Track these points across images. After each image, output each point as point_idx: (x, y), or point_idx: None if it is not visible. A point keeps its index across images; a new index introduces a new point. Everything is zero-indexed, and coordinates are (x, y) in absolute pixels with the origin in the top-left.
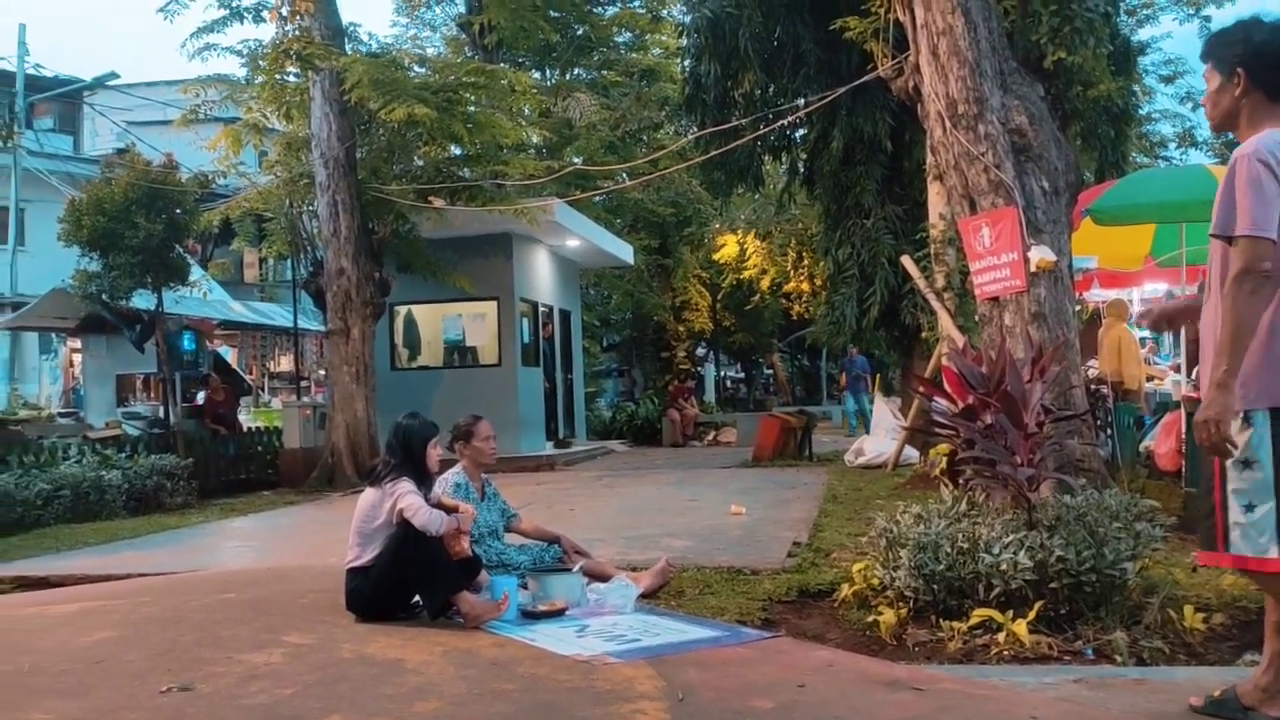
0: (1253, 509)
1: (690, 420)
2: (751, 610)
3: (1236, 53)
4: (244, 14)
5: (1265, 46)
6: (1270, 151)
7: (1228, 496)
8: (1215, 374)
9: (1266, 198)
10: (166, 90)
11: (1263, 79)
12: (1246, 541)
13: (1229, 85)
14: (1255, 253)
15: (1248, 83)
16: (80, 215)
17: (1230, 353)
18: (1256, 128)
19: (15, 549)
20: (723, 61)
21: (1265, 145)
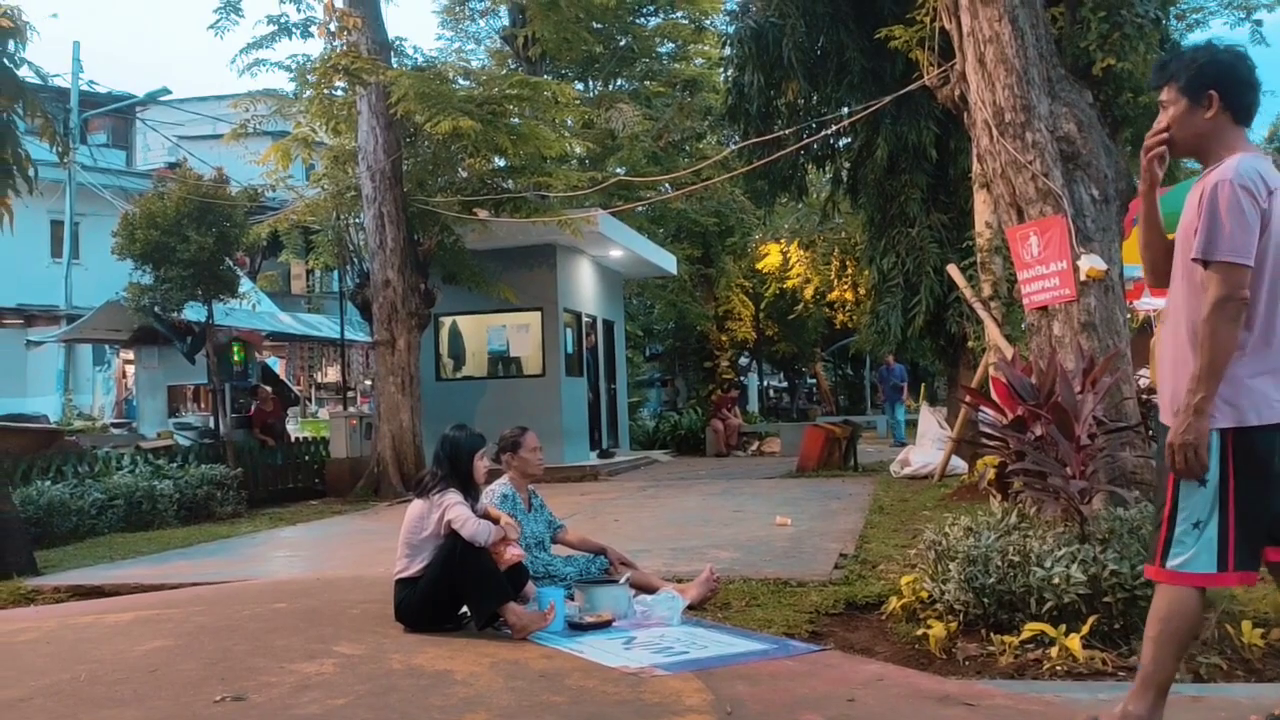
0: (1199, 527)
1: (734, 430)
2: (799, 623)
3: (1208, 75)
4: (292, 30)
5: (1232, 67)
6: (1252, 179)
7: (1177, 513)
8: (1193, 399)
9: (1249, 225)
10: (216, 105)
11: (1232, 101)
12: (1182, 558)
13: (1199, 108)
14: (1237, 280)
15: (1219, 104)
16: (133, 229)
17: (1210, 378)
18: (1227, 151)
19: (71, 558)
20: (766, 71)
21: (1245, 171)
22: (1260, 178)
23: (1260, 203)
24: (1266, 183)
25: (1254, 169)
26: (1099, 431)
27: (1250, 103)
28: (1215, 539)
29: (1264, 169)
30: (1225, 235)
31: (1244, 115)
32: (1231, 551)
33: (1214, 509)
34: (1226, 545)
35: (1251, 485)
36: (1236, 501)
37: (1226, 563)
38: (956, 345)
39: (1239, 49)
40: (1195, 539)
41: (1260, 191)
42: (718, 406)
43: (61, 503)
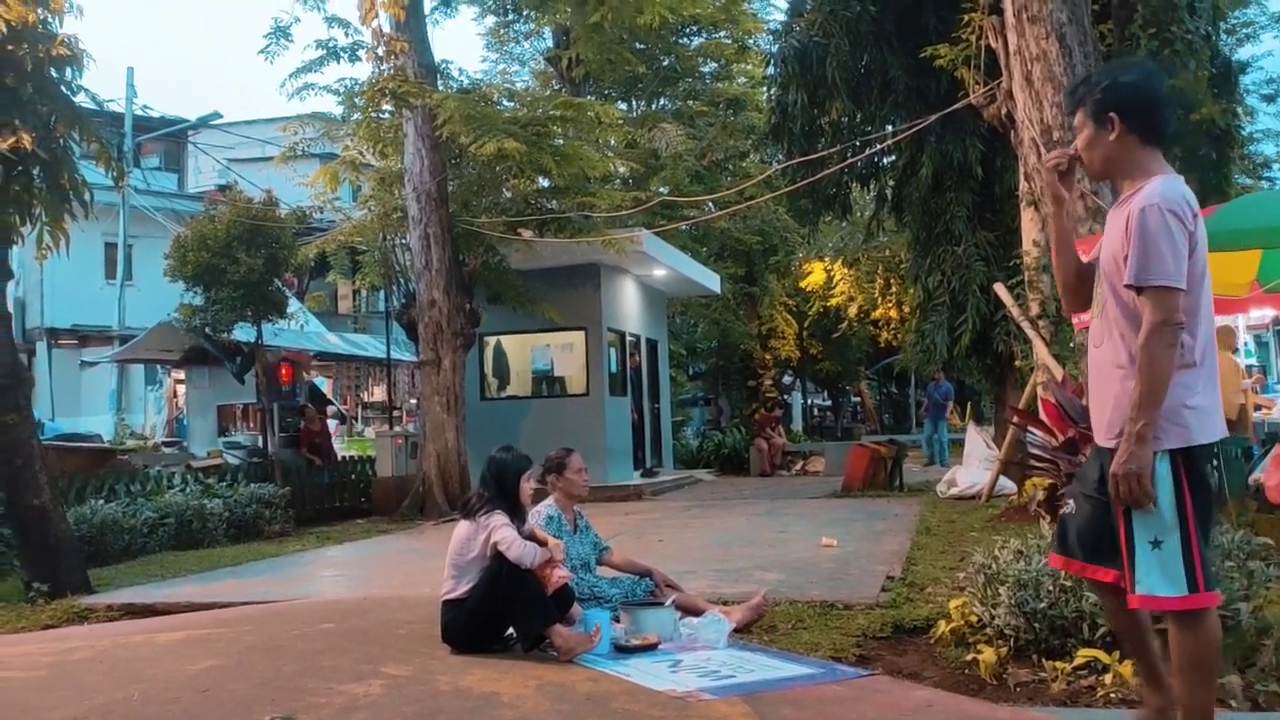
0: (1158, 546)
1: (778, 449)
2: (846, 646)
3: (1109, 98)
4: (340, 54)
5: (1133, 88)
6: (1177, 202)
7: (1134, 536)
8: (1134, 426)
9: (1179, 249)
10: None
11: (1135, 121)
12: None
13: (1104, 132)
14: (1171, 304)
15: (1121, 126)
16: (185, 251)
17: (1152, 405)
18: (1139, 172)
19: (123, 576)
20: (810, 90)
21: (1171, 195)
22: (1185, 201)
23: (1188, 226)
24: (1191, 205)
25: (1179, 193)
26: None
27: (1155, 122)
28: (1180, 559)
29: (1187, 192)
30: (1157, 260)
31: (1152, 135)
32: (1199, 570)
33: (1173, 528)
34: (1193, 565)
35: (1204, 503)
36: (1196, 520)
37: (1196, 583)
38: (1003, 364)
39: (1148, 69)
40: (1159, 559)
41: (1187, 215)
42: (761, 426)
43: (114, 521)
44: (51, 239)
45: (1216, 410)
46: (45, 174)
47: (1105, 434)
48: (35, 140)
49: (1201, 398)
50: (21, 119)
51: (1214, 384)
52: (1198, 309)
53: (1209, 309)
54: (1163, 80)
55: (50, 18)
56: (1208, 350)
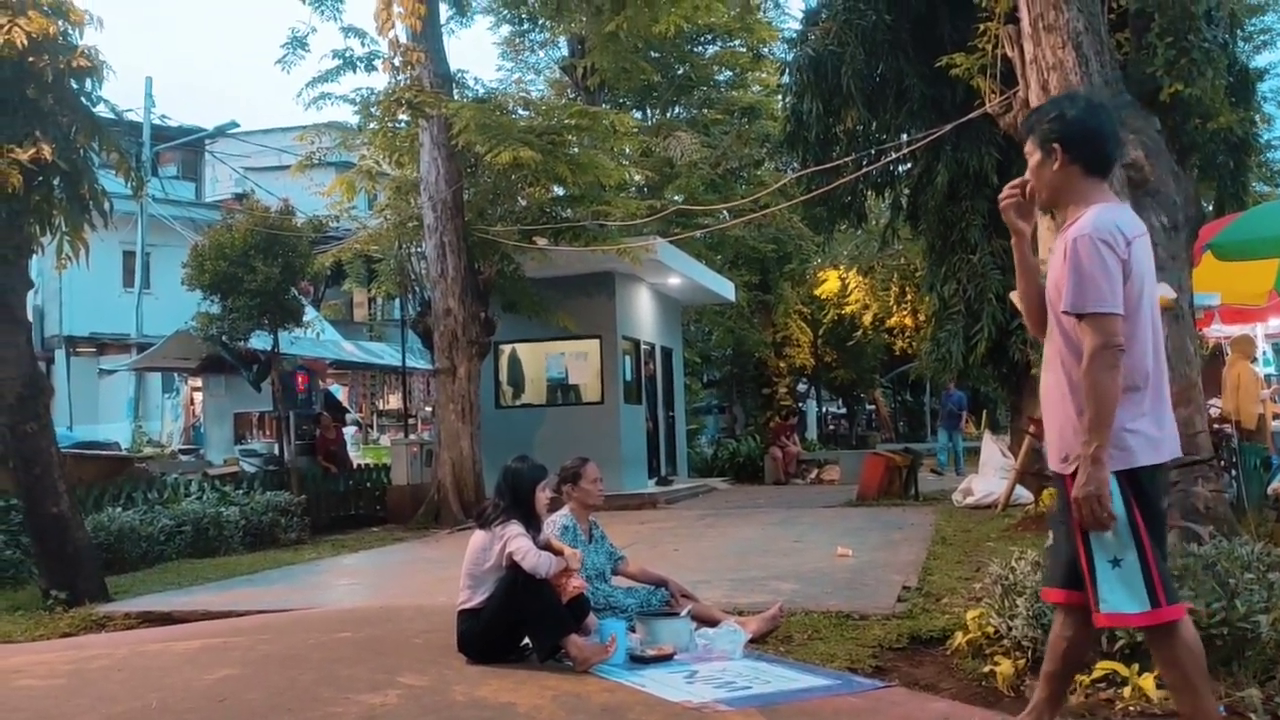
0: (1118, 564)
1: (792, 458)
2: (862, 657)
3: (1053, 129)
4: (356, 64)
5: (1078, 121)
6: (1110, 232)
7: (1093, 557)
8: (1088, 450)
9: (1112, 275)
10: (282, 137)
11: (1077, 152)
12: (1112, 600)
13: (1048, 161)
14: (1109, 329)
15: (1064, 157)
16: (203, 260)
17: (1102, 428)
18: (1081, 201)
19: (140, 584)
20: (825, 99)
21: (1102, 225)
22: (1117, 229)
23: (1120, 253)
24: (1124, 233)
25: (1111, 221)
26: (1172, 465)
27: (1097, 154)
28: (1140, 577)
29: (1121, 220)
30: (1092, 287)
31: (1095, 166)
32: (1159, 585)
33: (1128, 547)
34: (1153, 581)
35: (1154, 521)
36: (1150, 537)
37: (1157, 598)
38: (1019, 373)
39: (1093, 103)
40: (1119, 577)
41: (1118, 243)
42: (776, 434)
43: (132, 529)
44: (71, 249)
45: (1162, 432)
46: (65, 184)
47: (1056, 460)
48: (56, 151)
49: (1144, 421)
50: (42, 130)
51: (1160, 406)
52: (1136, 333)
53: (1151, 334)
54: (1108, 114)
55: (71, 30)
56: (1153, 374)
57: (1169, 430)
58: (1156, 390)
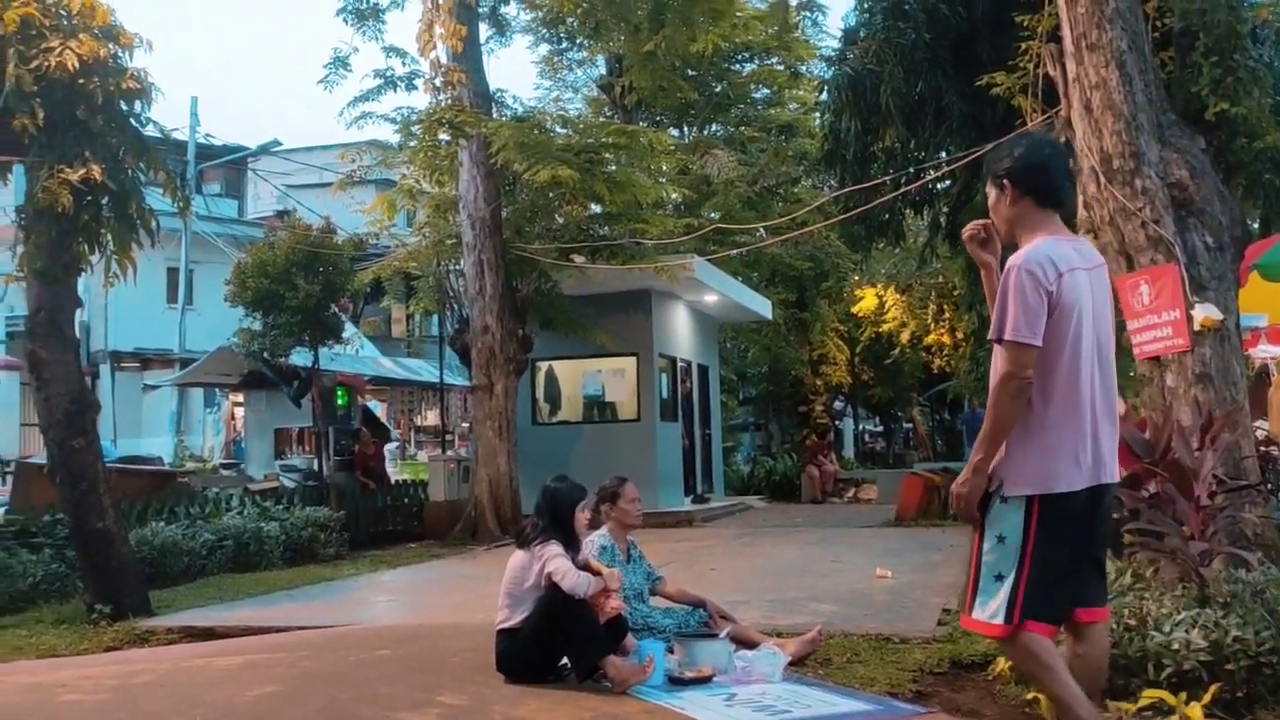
0: (1000, 580)
1: (829, 476)
2: (902, 681)
3: (1005, 166)
4: (397, 83)
5: (1025, 158)
6: (1037, 262)
7: (981, 566)
8: (974, 457)
9: (1030, 307)
10: (323, 155)
11: (1028, 186)
12: (983, 609)
13: (1002, 196)
14: (1020, 359)
15: (1014, 192)
16: (245, 278)
17: (990, 444)
18: (1032, 234)
19: (183, 598)
20: (863, 117)
21: (1033, 256)
22: (1049, 261)
23: (1045, 285)
24: (1056, 265)
25: (1044, 254)
26: (1219, 490)
27: (1046, 187)
28: (1009, 593)
29: (1056, 252)
30: (1011, 317)
31: (1046, 199)
32: (1019, 607)
33: (1013, 567)
34: (1015, 600)
35: (1049, 549)
36: (1032, 561)
37: (1013, 616)
38: None
39: (1046, 142)
40: (995, 591)
41: (1046, 275)
42: (813, 452)
43: (174, 543)
44: (119, 267)
45: (1079, 465)
46: (114, 204)
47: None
48: (105, 171)
49: (1059, 452)
50: (92, 151)
51: (1079, 438)
52: (1059, 365)
53: (1088, 366)
54: (1058, 152)
55: (121, 52)
56: (1082, 405)
57: (1089, 462)
58: (1079, 421)
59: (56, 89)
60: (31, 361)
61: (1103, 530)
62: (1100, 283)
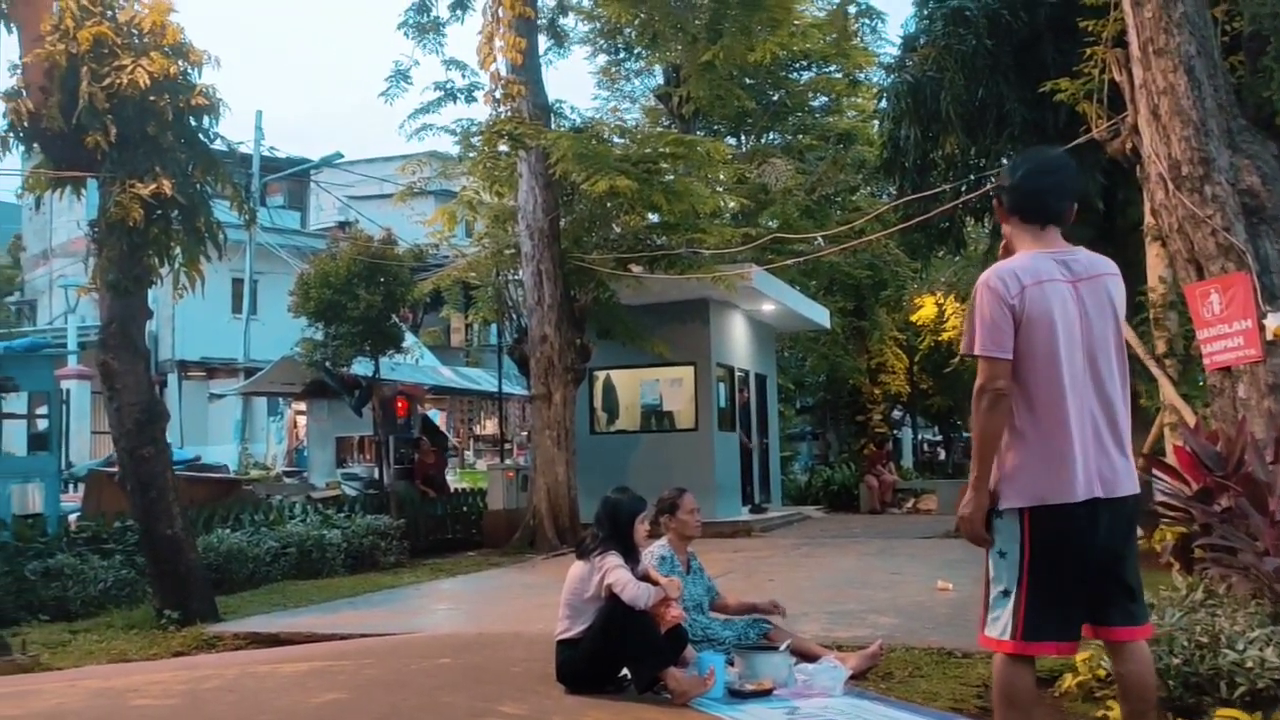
0: (1006, 596)
1: (888, 486)
2: (966, 697)
3: (997, 184)
4: (457, 95)
5: (1014, 176)
6: (999, 277)
7: (990, 582)
8: (970, 476)
9: (995, 322)
10: (384, 167)
11: (1012, 205)
12: (994, 625)
13: (998, 213)
14: (990, 372)
15: (1002, 209)
16: (308, 288)
17: (979, 459)
18: (1021, 249)
19: (248, 604)
20: (923, 125)
21: (998, 273)
22: (1012, 276)
23: (1008, 299)
24: (1020, 279)
25: (1009, 269)
26: None
27: (1029, 205)
28: (1013, 609)
29: (1024, 267)
30: (978, 332)
31: (1030, 215)
32: (1021, 622)
33: (1015, 581)
34: (1018, 616)
35: (1045, 562)
36: (1030, 575)
37: (1016, 631)
38: None
39: (1031, 159)
40: (1004, 607)
41: (1009, 289)
42: (871, 462)
43: (239, 550)
44: (188, 279)
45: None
46: (183, 217)
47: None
48: (174, 186)
49: (1043, 464)
50: (162, 165)
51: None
52: (1033, 378)
53: (1065, 377)
54: (1049, 166)
55: (190, 69)
56: (1066, 417)
57: (1078, 474)
58: (1063, 432)
59: (128, 106)
60: (103, 372)
61: (1116, 546)
62: (1095, 292)
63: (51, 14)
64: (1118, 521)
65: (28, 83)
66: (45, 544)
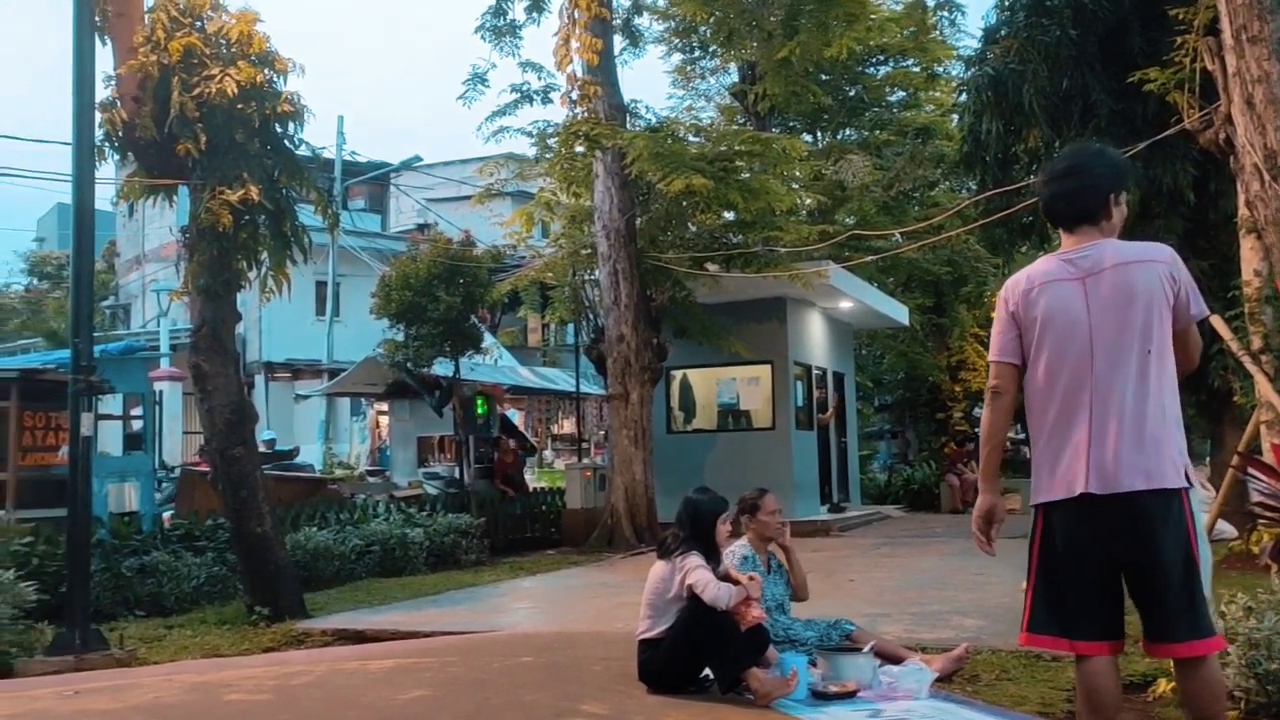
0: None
1: (970, 486)
2: (1055, 701)
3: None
4: (533, 97)
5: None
6: (1008, 284)
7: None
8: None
9: (997, 327)
10: (461, 169)
11: (1042, 211)
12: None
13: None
14: (995, 373)
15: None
16: (390, 290)
17: (981, 458)
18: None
19: (334, 601)
20: (1005, 118)
21: (1011, 281)
22: (1019, 280)
23: (1009, 305)
24: (1026, 282)
25: (1018, 275)
26: None
27: (1047, 211)
28: (1025, 601)
29: (1034, 270)
30: (992, 336)
31: (1054, 220)
32: (1027, 614)
33: (1027, 573)
34: (1025, 607)
35: (1049, 559)
36: (1036, 569)
37: (1024, 623)
38: (1220, 400)
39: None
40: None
41: (1011, 295)
42: (952, 460)
43: (326, 548)
44: (275, 283)
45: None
46: (270, 222)
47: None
48: (262, 191)
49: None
50: (250, 172)
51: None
52: (1040, 380)
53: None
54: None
55: (276, 77)
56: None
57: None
58: (1068, 430)
59: (217, 114)
60: (195, 374)
61: (1127, 546)
62: (1111, 284)
63: (143, 26)
64: (1124, 519)
65: (121, 93)
66: (141, 541)
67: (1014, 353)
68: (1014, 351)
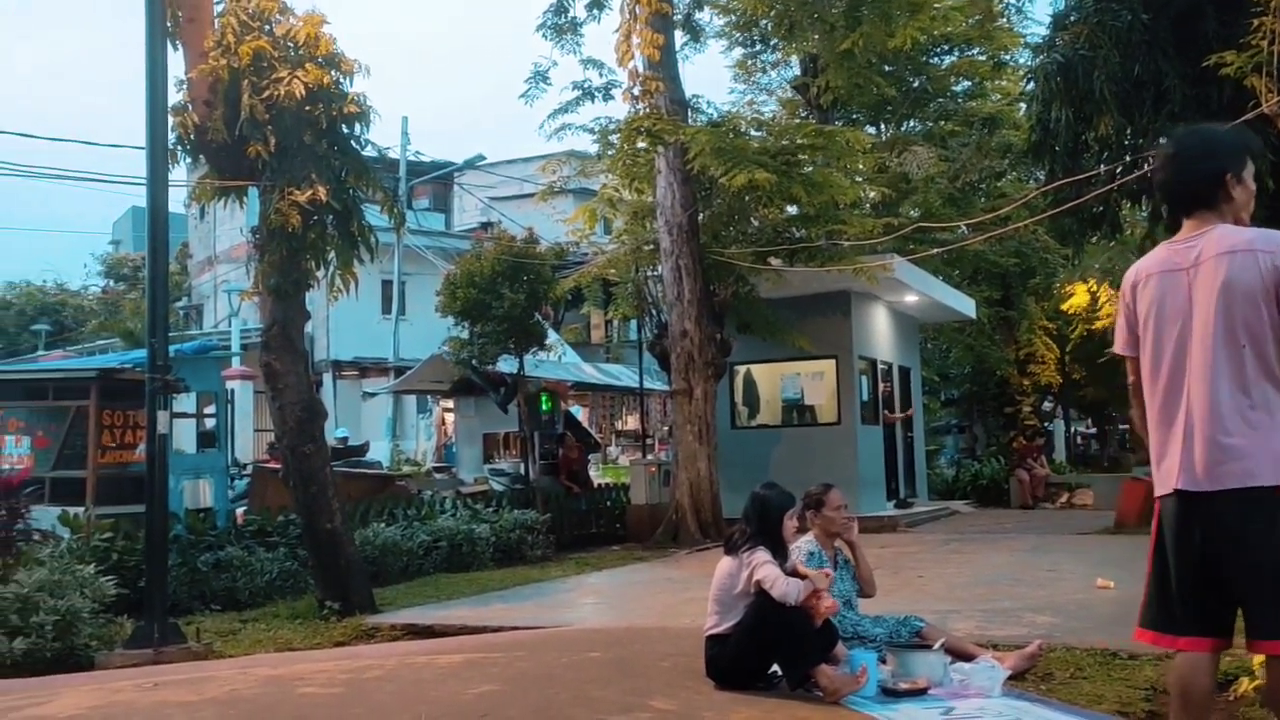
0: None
1: (1040, 481)
2: (1133, 700)
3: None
4: (595, 94)
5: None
6: (1125, 279)
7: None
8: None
9: (1119, 321)
10: (524, 167)
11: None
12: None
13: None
14: (1126, 369)
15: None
16: (454, 289)
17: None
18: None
19: (403, 596)
20: (1075, 106)
21: (1128, 272)
22: (1131, 275)
23: (1125, 298)
24: (1135, 275)
25: (1134, 267)
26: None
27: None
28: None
29: (1143, 263)
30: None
31: (1169, 209)
32: (1141, 608)
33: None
34: (1141, 601)
35: (1157, 553)
36: (1150, 562)
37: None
38: None
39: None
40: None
41: (1126, 288)
42: (1022, 455)
43: (394, 544)
44: (342, 282)
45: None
46: (338, 222)
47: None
48: (330, 192)
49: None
50: (318, 173)
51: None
52: (1146, 373)
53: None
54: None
55: (342, 79)
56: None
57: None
58: (1168, 425)
59: (285, 116)
60: (266, 373)
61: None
62: (1209, 274)
63: (213, 31)
64: (1212, 516)
65: (193, 97)
66: (215, 537)
67: (1132, 346)
68: (1131, 345)
